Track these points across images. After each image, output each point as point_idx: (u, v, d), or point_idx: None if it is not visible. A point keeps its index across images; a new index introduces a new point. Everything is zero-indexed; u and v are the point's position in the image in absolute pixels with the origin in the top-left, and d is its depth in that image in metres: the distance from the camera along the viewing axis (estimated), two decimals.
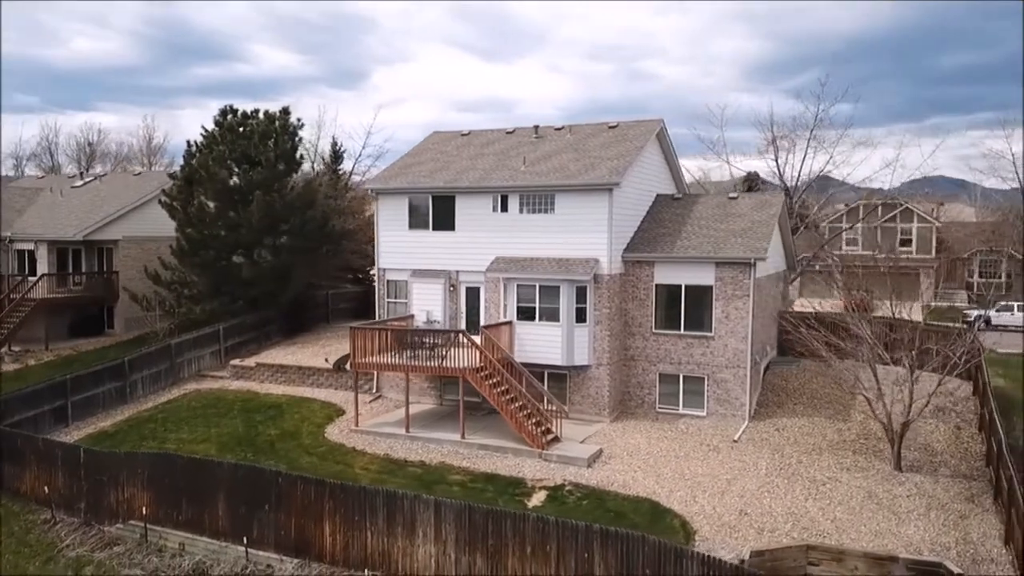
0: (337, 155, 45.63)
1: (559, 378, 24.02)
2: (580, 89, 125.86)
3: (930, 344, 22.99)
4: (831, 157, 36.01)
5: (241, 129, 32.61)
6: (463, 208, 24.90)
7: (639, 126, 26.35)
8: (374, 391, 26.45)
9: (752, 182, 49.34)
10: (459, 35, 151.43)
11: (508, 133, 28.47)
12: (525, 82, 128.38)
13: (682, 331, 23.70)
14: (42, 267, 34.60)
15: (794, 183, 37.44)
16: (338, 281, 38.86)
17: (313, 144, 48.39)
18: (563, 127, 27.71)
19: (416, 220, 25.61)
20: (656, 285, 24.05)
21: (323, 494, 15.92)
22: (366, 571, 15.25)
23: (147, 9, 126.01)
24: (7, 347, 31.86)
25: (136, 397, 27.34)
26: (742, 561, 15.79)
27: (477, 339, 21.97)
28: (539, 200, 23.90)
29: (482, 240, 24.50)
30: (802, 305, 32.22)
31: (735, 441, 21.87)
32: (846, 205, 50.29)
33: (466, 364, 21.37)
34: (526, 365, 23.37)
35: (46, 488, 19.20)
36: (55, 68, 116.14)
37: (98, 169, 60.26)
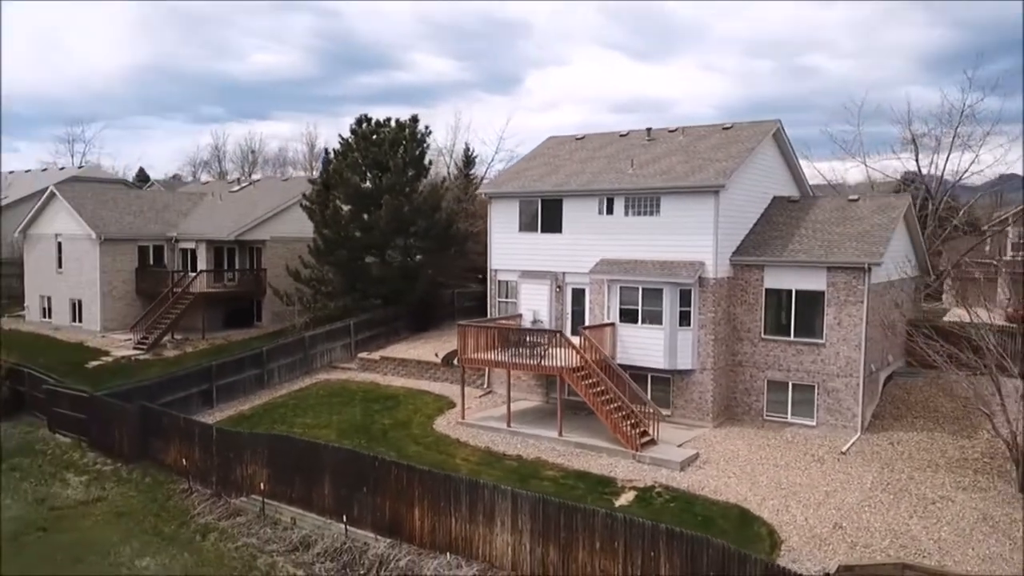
0: (469, 160, 47.30)
1: (662, 381, 23.98)
2: (737, 87, 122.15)
3: None
4: (976, 156, 33.34)
5: (374, 137, 34.74)
6: (570, 211, 25.40)
7: (753, 128, 25.80)
8: (485, 387, 27.45)
9: (909, 183, 46.30)
10: (612, 36, 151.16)
11: (622, 136, 28.66)
12: (679, 82, 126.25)
13: (792, 337, 23.03)
14: (201, 265, 38.30)
15: (936, 183, 34.99)
16: (464, 281, 40.30)
17: (449, 149, 50.50)
18: (677, 129, 27.57)
19: (525, 223, 26.37)
20: (766, 290, 23.49)
21: (413, 480, 16.95)
22: (448, 554, 16.12)
23: (318, 24, 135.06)
24: (170, 335, 35.56)
25: (272, 384, 29.82)
26: (827, 574, 15.41)
27: (576, 340, 22.40)
28: (644, 202, 23.99)
29: (588, 242, 24.88)
30: (959, 315, 29.69)
31: (843, 453, 21.03)
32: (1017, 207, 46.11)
33: (564, 364, 21.86)
34: (628, 367, 23.56)
35: (184, 461, 21.53)
36: (238, 81, 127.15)
37: (258, 175, 65.53)
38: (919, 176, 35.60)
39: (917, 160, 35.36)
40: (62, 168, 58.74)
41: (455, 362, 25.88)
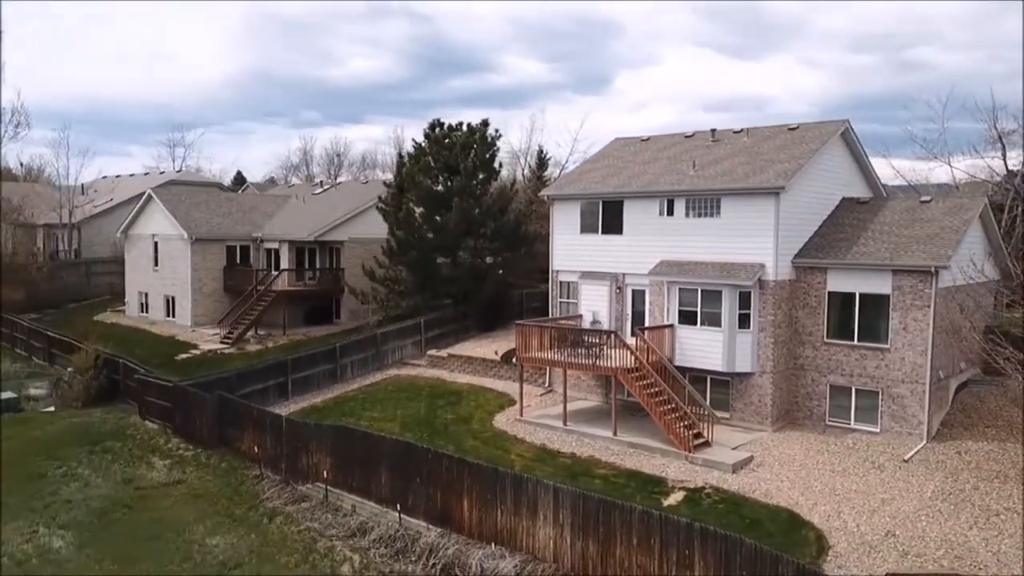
0: (542, 161, 47.82)
1: (722, 384, 23.89)
2: (838, 83, 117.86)
3: None
4: None
5: (446, 141, 35.68)
6: (631, 212, 25.58)
7: (819, 128, 25.36)
8: (546, 386, 27.90)
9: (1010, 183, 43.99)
10: (706, 34, 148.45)
11: (687, 137, 28.61)
12: (776, 79, 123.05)
13: (855, 341, 22.57)
14: (284, 264, 40.16)
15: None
16: (533, 281, 40.82)
17: (524, 151, 51.18)
18: (742, 130, 27.34)
19: (586, 224, 26.69)
20: (828, 292, 23.10)
21: (463, 472, 17.58)
22: (493, 544, 16.66)
23: (413, 29, 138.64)
24: (254, 330, 37.47)
25: (345, 379, 31.09)
26: None
27: (633, 341, 22.60)
28: (705, 204, 23.97)
29: (648, 243, 25.01)
30: None
31: (905, 461, 20.51)
32: None
33: (619, 364, 22.11)
34: (687, 369, 23.64)
35: (256, 449, 22.83)
36: (335, 86, 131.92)
37: (344, 177, 67.90)
38: (1009, 175, 33.94)
39: (1004, 158, 33.77)
40: (162, 172, 62.57)
41: (513, 360, 26.43)
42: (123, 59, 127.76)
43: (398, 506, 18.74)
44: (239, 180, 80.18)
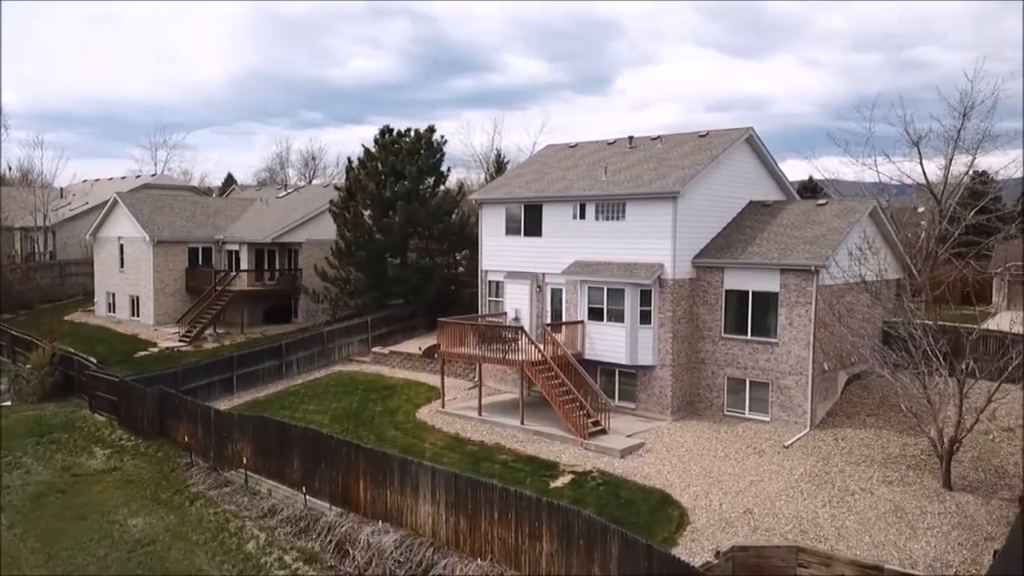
0: (500, 165, 49.35)
1: (629, 376, 25.40)
2: (840, 83, 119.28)
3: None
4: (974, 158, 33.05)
5: (395, 146, 37.20)
6: (549, 216, 27.10)
7: (725, 135, 26.86)
8: (475, 380, 29.36)
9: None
10: (708, 33, 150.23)
11: (609, 144, 30.12)
12: (778, 78, 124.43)
13: (749, 336, 24.07)
14: (244, 265, 41.68)
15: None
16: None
17: (485, 155, 52.72)
18: (658, 137, 28.85)
19: (511, 226, 28.22)
20: (726, 291, 24.60)
21: (359, 457, 19.09)
22: (381, 522, 18.17)
23: (414, 29, 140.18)
24: (212, 329, 39.00)
25: (291, 374, 32.61)
26: (718, 553, 16.66)
27: (540, 337, 24.10)
28: (612, 208, 25.48)
29: (564, 245, 26.52)
30: (1012, 320, 28.61)
31: (785, 447, 22.01)
32: None
33: (525, 358, 23.62)
34: (597, 363, 25.17)
35: (187, 438, 24.37)
36: (337, 87, 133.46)
37: (318, 180, 69.40)
38: (927, 182, 35.42)
39: (921, 163, 35.26)
40: (138, 175, 64.07)
41: (435, 355, 27.95)
42: (125, 60, 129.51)
43: (303, 489, 20.27)
44: (229, 182, 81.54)
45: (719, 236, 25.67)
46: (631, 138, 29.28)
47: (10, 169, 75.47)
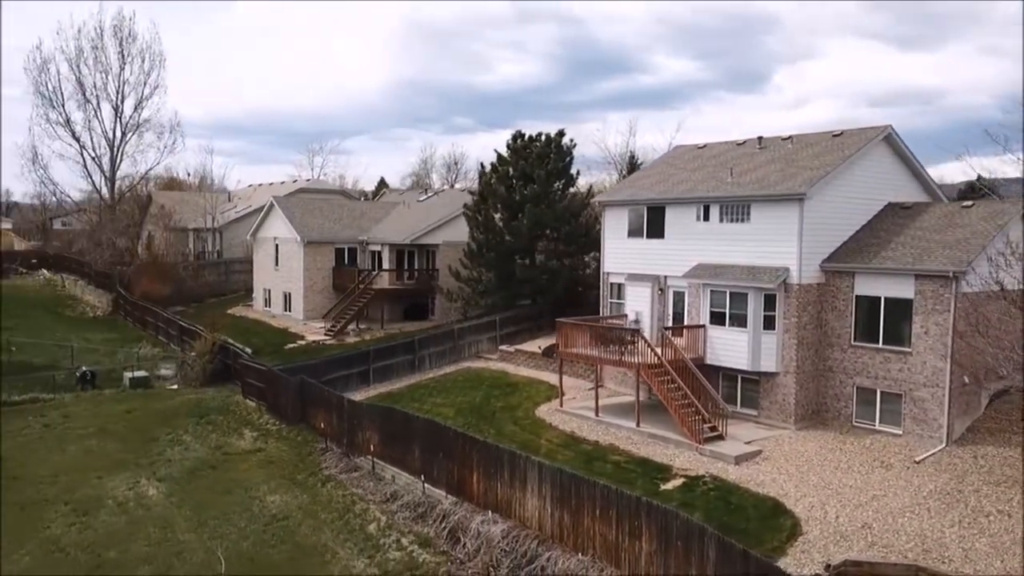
0: (634, 167, 49.19)
1: (752, 382, 24.85)
2: None
3: None
4: None
5: (526, 151, 38.10)
6: (672, 217, 26.96)
7: (860, 134, 25.68)
8: (598, 380, 29.64)
9: None
10: (871, 24, 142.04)
11: (738, 145, 29.51)
12: (952, 69, 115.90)
13: (880, 345, 22.96)
14: (385, 265, 44.01)
15: None
16: None
17: (621, 156, 52.75)
18: (789, 137, 27.97)
19: (633, 228, 28.29)
20: (856, 296, 23.58)
21: (473, 449, 19.93)
22: (490, 512, 18.90)
23: (561, 32, 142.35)
24: (355, 324, 41.46)
25: (423, 369, 34.17)
26: (828, 566, 16.22)
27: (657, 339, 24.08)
28: (736, 210, 25.02)
29: (686, 247, 26.31)
30: None
31: (916, 462, 20.85)
32: None
33: (642, 361, 23.69)
34: (719, 367, 24.86)
35: (322, 425, 26.21)
36: (486, 92, 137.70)
37: (460, 184, 71.78)
38: None
39: None
40: (295, 180, 68.91)
41: (554, 354, 28.43)
42: (289, 73, 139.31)
43: (422, 477, 21.37)
44: (381, 186, 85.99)
45: (851, 239, 24.61)
46: (760, 138, 28.57)
47: (189, 175, 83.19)
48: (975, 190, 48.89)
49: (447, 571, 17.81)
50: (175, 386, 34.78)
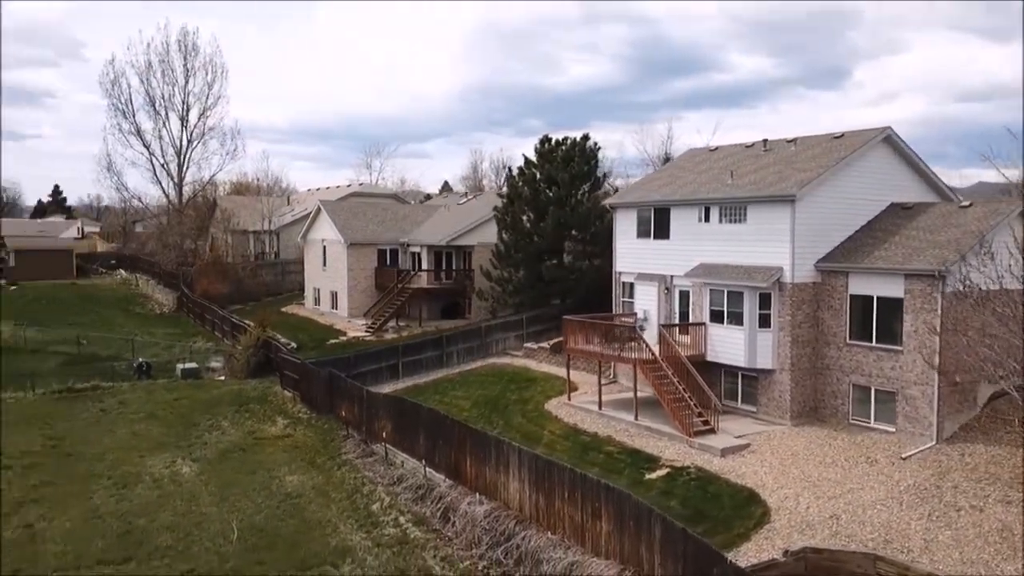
0: None
1: (751, 379, 25.56)
2: None
3: None
4: None
5: (552, 155, 39.35)
6: (677, 219, 27.84)
7: (860, 136, 26.05)
8: (611, 376, 30.74)
9: None
10: (961, 16, 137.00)
11: (746, 147, 30.12)
12: None
13: (873, 343, 23.40)
14: (424, 265, 45.92)
15: None
16: None
17: (659, 158, 53.36)
18: (793, 139, 28.47)
19: (641, 229, 29.26)
20: (850, 295, 24.06)
21: (467, 436, 21.37)
22: (477, 495, 20.31)
23: (632, 32, 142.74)
24: (395, 321, 43.45)
25: (450, 364, 35.81)
26: (787, 552, 17.08)
27: (654, 337, 25.07)
28: (734, 211, 25.77)
29: (690, 248, 27.16)
30: None
31: (902, 458, 21.29)
32: None
33: (638, 356, 24.72)
34: (718, 364, 25.66)
35: (344, 414, 28.09)
36: (556, 93, 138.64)
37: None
38: None
39: None
40: (349, 185, 71.75)
41: (561, 351, 29.60)
42: (369, 78, 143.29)
43: (424, 462, 22.94)
44: (444, 188, 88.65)
45: (849, 239, 25.05)
46: (766, 141, 29.13)
47: (257, 180, 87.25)
48: None
49: (434, 546, 19.30)
50: (222, 377, 37.35)
